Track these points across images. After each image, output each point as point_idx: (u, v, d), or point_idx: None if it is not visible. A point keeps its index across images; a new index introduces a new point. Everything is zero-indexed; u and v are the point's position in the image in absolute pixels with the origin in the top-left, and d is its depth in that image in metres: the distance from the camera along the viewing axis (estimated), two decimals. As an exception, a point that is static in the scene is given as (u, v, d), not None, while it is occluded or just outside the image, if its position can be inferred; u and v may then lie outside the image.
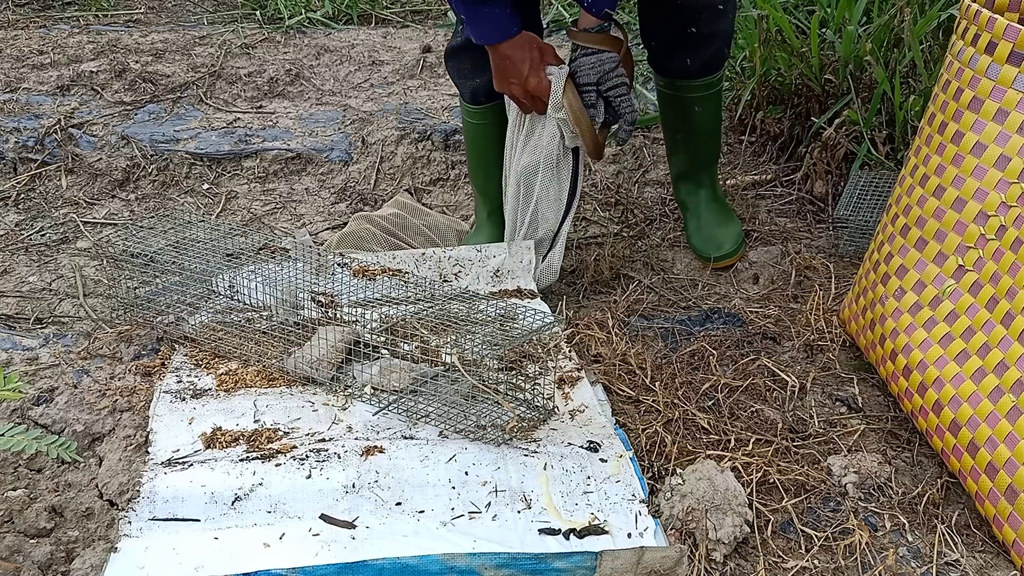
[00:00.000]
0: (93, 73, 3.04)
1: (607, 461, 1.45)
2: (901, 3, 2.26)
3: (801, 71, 2.47)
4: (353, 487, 1.38)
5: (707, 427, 1.58)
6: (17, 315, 2.01)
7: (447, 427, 1.52)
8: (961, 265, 1.48)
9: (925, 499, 1.45)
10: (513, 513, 1.35)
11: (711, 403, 1.65)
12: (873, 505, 1.44)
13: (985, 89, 1.44)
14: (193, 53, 3.29)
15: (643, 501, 1.37)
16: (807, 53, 2.44)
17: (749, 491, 1.43)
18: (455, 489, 1.39)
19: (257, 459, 1.43)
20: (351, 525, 1.32)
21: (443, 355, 1.67)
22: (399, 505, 1.36)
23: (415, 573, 1.24)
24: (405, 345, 1.73)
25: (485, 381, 1.57)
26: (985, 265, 1.43)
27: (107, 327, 1.88)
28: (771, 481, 1.47)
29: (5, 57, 3.23)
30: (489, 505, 1.36)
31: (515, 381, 1.66)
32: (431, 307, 1.79)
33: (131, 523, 1.31)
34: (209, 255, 1.83)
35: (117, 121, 2.74)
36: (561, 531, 1.31)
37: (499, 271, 2.00)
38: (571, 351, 1.76)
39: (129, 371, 1.68)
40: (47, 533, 1.32)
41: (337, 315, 1.79)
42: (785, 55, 2.48)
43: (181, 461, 1.43)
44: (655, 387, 1.69)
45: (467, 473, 1.41)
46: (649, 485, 1.42)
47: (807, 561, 1.34)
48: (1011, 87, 1.39)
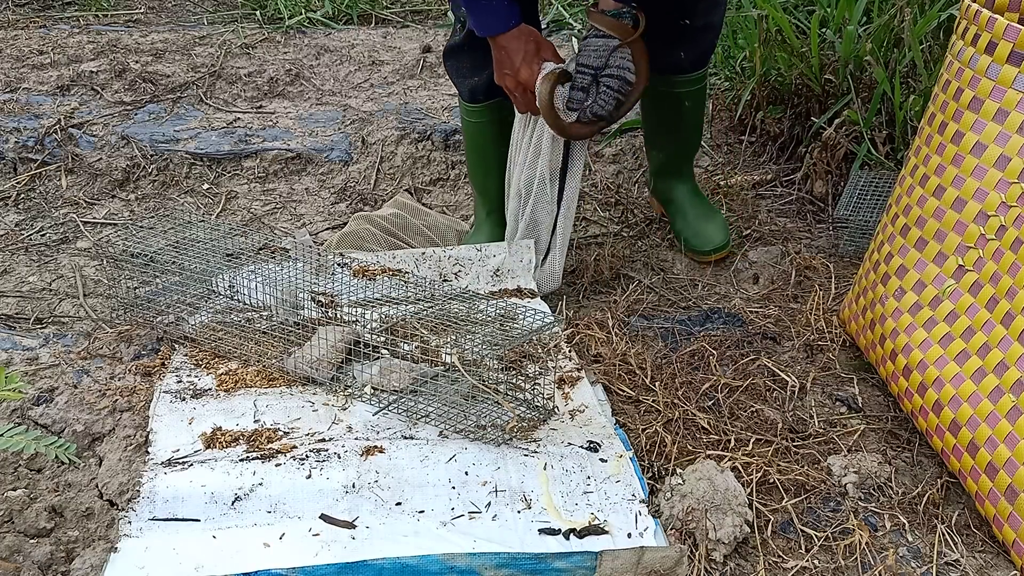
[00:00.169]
0: (93, 73, 3.04)
1: (607, 461, 1.45)
2: (901, 3, 2.26)
3: (801, 71, 2.47)
4: (353, 487, 1.38)
5: (707, 427, 1.58)
6: (17, 315, 2.01)
7: (447, 427, 1.52)
8: (961, 265, 1.48)
9: (925, 499, 1.45)
10: (513, 513, 1.35)
11: (711, 403, 1.65)
12: (873, 505, 1.44)
13: (985, 89, 1.44)
14: (193, 53, 3.29)
15: (643, 501, 1.37)
16: (807, 53, 2.44)
17: (749, 491, 1.43)
18: (455, 489, 1.39)
19: (257, 459, 1.43)
20: (351, 525, 1.32)
21: (443, 355, 1.67)
22: (399, 505, 1.36)
23: (415, 573, 1.24)
24: (405, 345, 1.73)
25: (485, 381, 1.57)
26: (985, 265, 1.43)
27: (107, 327, 1.88)
28: (771, 481, 1.47)
29: (5, 57, 3.23)
30: (489, 505, 1.36)
31: (515, 381, 1.66)
32: (431, 307, 1.79)
33: (131, 523, 1.31)
34: (209, 255, 1.83)
35: (117, 121, 2.74)
36: (561, 531, 1.31)
37: (499, 270, 2.01)
38: (571, 351, 1.76)
39: (129, 371, 1.68)
40: (47, 533, 1.32)
41: (337, 315, 1.79)
42: (785, 55, 2.48)
43: (181, 461, 1.43)
44: (655, 387, 1.69)
45: (467, 473, 1.41)
46: (649, 485, 1.42)
47: (807, 561, 1.34)
48: (1011, 87, 1.39)
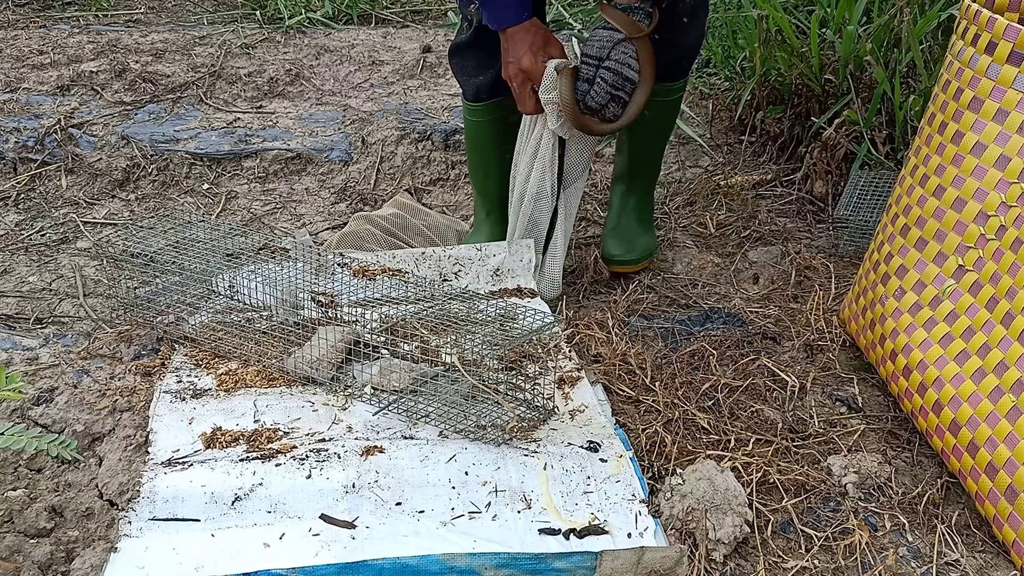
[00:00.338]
0: (93, 73, 3.04)
1: (607, 461, 1.45)
2: (901, 3, 2.26)
3: (801, 71, 2.47)
4: (353, 487, 1.38)
5: (707, 427, 1.58)
6: (17, 315, 2.01)
7: (447, 427, 1.52)
8: (961, 265, 1.48)
9: (925, 499, 1.45)
10: (513, 513, 1.35)
11: (711, 403, 1.65)
12: (873, 505, 1.44)
13: (985, 89, 1.44)
14: (193, 53, 3.29)
15: (643, 501, 1.37)
16: (807, 53, 2.44)
17: (749, 491, 1.43)
18: (455, 489, 1.39)
19: (257, 459, 1.43)
20: (351, 525, 1.32)
21: (443, 355, 1.67)
22: (399, 505, 1.36)
23: (415, 573, 1.24)
24: (405, 345, 1.73)
25: (485, 381, 1.57)
26: (985, 265, 1.43)
27: (107, 327, 1.88)
28: (771, 481, 1.47)
29: (5, 57, 3.23)
30: (489, 505, 1.36)
31: (515, 381, 1.66)
32: (431, 307, 1.79)
33: (131, 523, 1.31)
34: (209, 255, 1.83)
35: (117, 121, 2.74)
36: (561, 531, 1.31)
37: (499, 270, 2.01)
38: (571, 351, 1.76)
39: (129, 371, 1.68)
40: (47, 533, 1.32)
41: (337, 315, 1.79)
42: (785, 55, 2.48)
43: (181, 461, 1.43)
44: (655, 387, 1.69)
45: (467, 473, 1.41)
46: (649, 485, 1.42)
47: (807, 561, 1.34)
48: (1011, 87, 1.39)
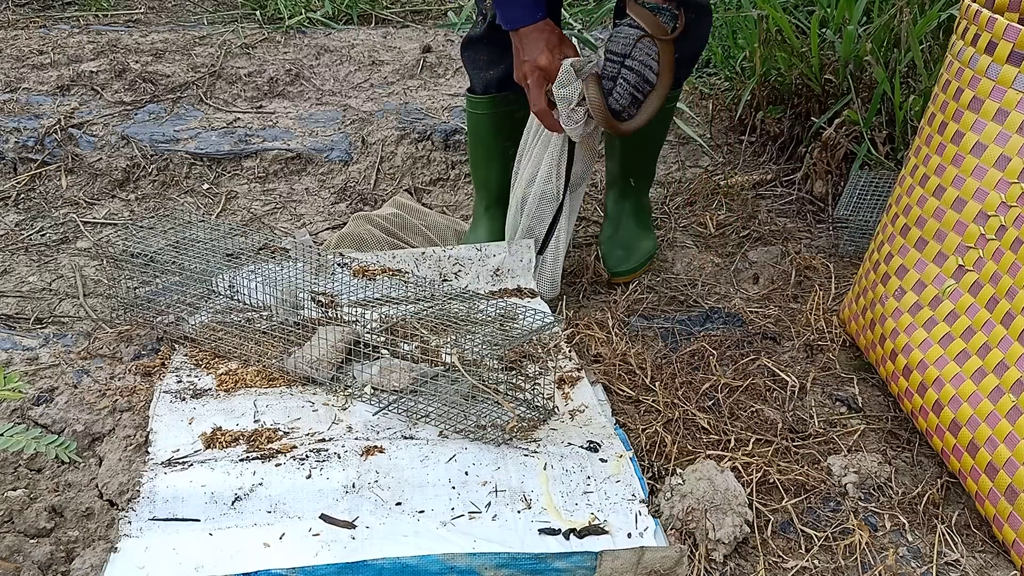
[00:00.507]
0: (93, 73, 3.04)
1: (607, 461, 1.45)
2: (901, 3, 2.26)
3: (801, 71, 2.47)
4: (353, 487, 1.38)
5: (707, 427, 1.58)
6: (17, 315, 2.01)
7: (447, 427, 1.52)
8: (961, 265, 1.48)
9: (925, 499, 1.45)
10: (513, 513, 1.35)
11: (711, 403, 1.65)
12: (873, 505, 1.44)
13: (985, 89, 1.44)
14: (193, 53, 3.29)
15: (643, 501, 1.37)
16: (807, 53, 2.44)
17: (749, 491, 1.43)
18: (455, 489, 1.39)
19: (257, 459, 1.43)
20: (351, 525, 1.32)
21: (443, 355, 1.67)
22: (399, 505, 1.36)
23: (415, 573, 1.24)
24: (405, 345, 1.73)
25: (485, 381, 1.57)
26: (985, 265, 1.43)
27: (107, 327, 1.88)
28: (771, 481, 1.47)
29: (5, 57, 3.23)
30: (489, 505, 1.36)
31: (515, 381, 1.66)
32: (431, 307, 1.79)
33: (131, 523, 1.31)
34: (209, 255, 1.83)
35: (117, 121, 2.74)
36: (561, 531, 1.31)
37: (499, 270, 2.01)
38: (571, 351, 1.76)
39: (129, 371, 1.68)
40: (47, 533, 1.32)
41: (337, 315, 1.79)
42: (785, 55, 2.48)
43: (181, 461, 1.43)
44: (655, 387, 1.69)
45: (467, 473, 1.41)
46: (649, 485, 1.42)
47: (807, 561, 1.34)
48: (1011, 87, 1.39)
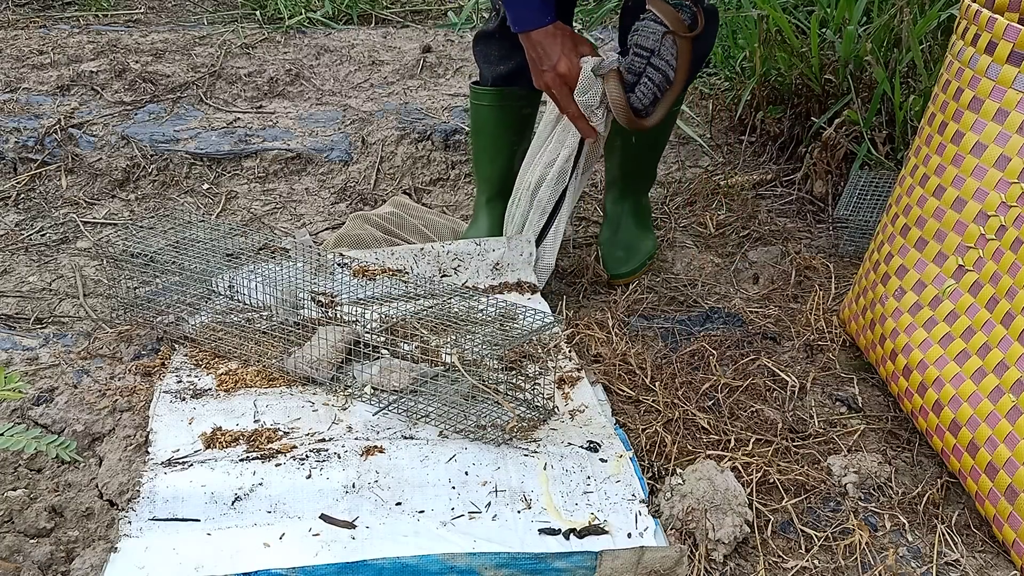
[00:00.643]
0: (93, 73, 3.04)
1: (607, 461, 1.45)
2: (901, 3, 2.26)
3: (801, 71, 2.47)
4: (353, 487, 1.38)
5: (707, 427, 1.58)
6: (17, 315, 2.01)
7: (447, 427, 1.52)
8: (961, 265, 1.48)
9: (925, 499, 1.45)
10: (513, 513, 1.34)
11: (711, 403, 1.65)
12: (873, 505, 1.44)
13: (985, 89, 1.44)
14: (193, 53, 3.29)
15: (643, 501, 1.37)
16: (807, 53, 2.44)
17: (749, 491, 1.43)
18: (455, 489, 1.39)
19: (257, 459, 1.43)
20: (351, 525, 1.32)
21: (443, 355, 1.67)
22: (399, 505, 1.36)
23: (415, 573, 1.24)
24: (405, 345, 1.73)
25: (485, 381, 1.57)
26: (985, 265, 1.43)
27: (107, 327, 1.88)
28: (771, 481, 1.47)
29: (5, 57, 3.23)
30: (489, 505, 1.36)
31: (515, 381, 1.66)
32: (431, 307, 1.79)
33: (131, 523, 1.31)
34: (209, 255, 1.83)
35: (117, 121, 2.74)
36: (561, 531, 1.31)
37: (499, 264, 2.00)
38: (571, 351, 1.76)
39: (129, 371, 1.68)
40: (47, 533, 1.32)
41: (337, 315, 1.79)
42: (785, 55, 2.48)
43: (181, 461, 1.43)
44: (655, 387, 1.69)
45: (467, 473, 1.41)
46: (649, 485, 1.42)
47: (807, 561, 1.34)
48: (1011, 87, 1.39)
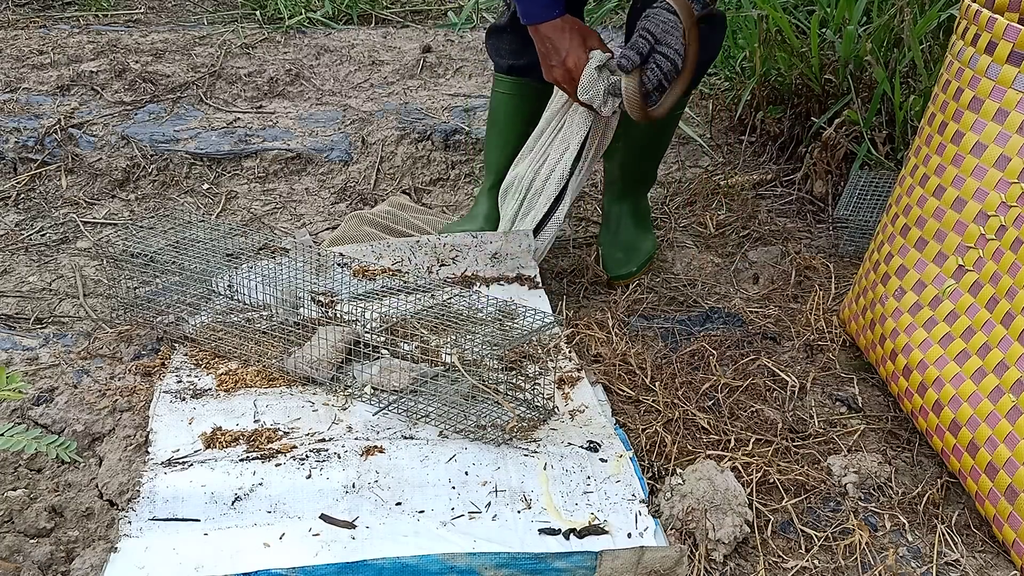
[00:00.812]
0: (93, 73, 3.04)
1: (607, 461, 1.45)
2: (901, 3, 2.26)
3: (801, 71, 2.47)
4: (353, 487, 1.38)
5: (707, 427, 1.58)
6: (17, 315, 2.01)
7: (447, 427, 1.52)
8: (961, 265, 1.48)
9: (925, 499, 1.45)
10: (513, 513, 1.35)
11: (711, 403, 1.65)
12: (873, 505, 1.44)
13: (985, 89, 1.44)
14: (193, 53, 3.29)
15: (643, 501, 1.37)
16: (807, 53, 2.44)
17: (749, 491, 1.43)
18: (455, 489, 1.39)
19: (257, 459, 1.43)
20: (351, 525, 1.32)
21: (443, 355, 1.67)
22: (399, 505, 1.36)
23: (415, 573, 1.24)
24: (405, 345, 1.73)
25: (485, 381, 1.57)
26: (985, 265, 1.43)
27: (107, 327, 1.88)
28: (771, 481, 1.47)
29: (5, 57, 3.23)
30: (489, 505, 1.36)
31: (515, 381, 1.66)
32: (431, 307, 1.79)
33: (131, 523, 1.31)
34: (209, 255, 1.83)
35: (117, 121, 2.74)
36: (561, 531, 1.31)
37: (497, 254, 2.00)
38: (571, 351, 1.76)
39: (129, 371, 1.68)
40: (47, 533, 1.32)
41: (337, 315, 1.79)
42: (785, 55, 2.48)
43: (181, 461, 1.43)
44: (655, 387, 1.69)
45: (467, 473, 1.41)
46: (649, 485, 1.42)
47: (807, 561, 1.34)
48: (1011, 87, 1.39)
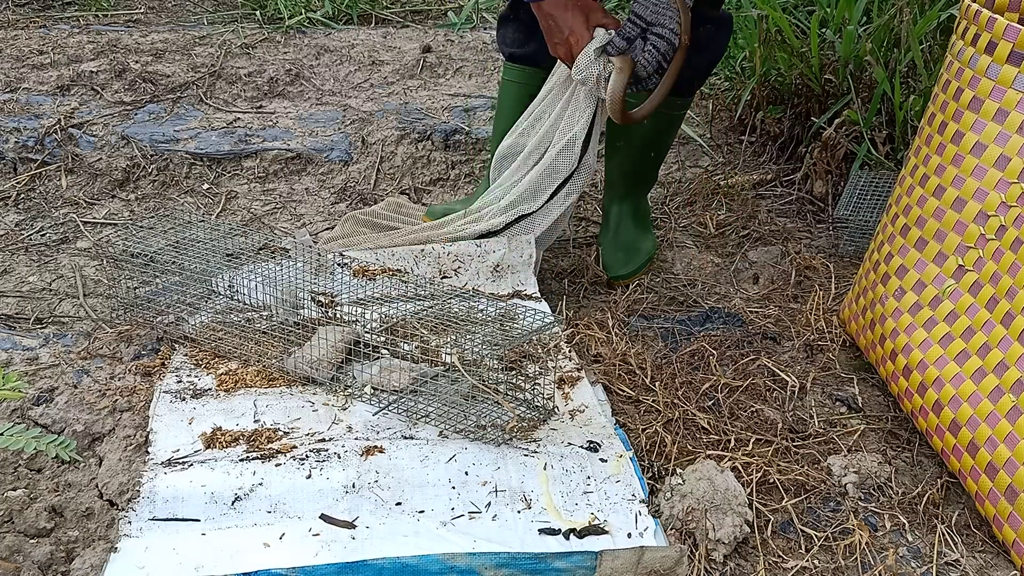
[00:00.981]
0: (93, 73, 3.04)
1: (607, 461, 1.45)
2: (901, 3, 2.26)
3: (801, 71, 2.47)
4: (353, 487, 1.38)
5: (707, 427, 1.58)
6: (17, 315, 2.01)
7: (447, 427, 1.52)
8: (961, 265, 1.48)
9: (925, 499, 1.45)
10: (513, 513, 1.35)
11: (711, 403, 1.65)
12: (873, 505, 1.44)
13: (985, 89, 1.44)
14: (193, 53, 3.29)
15: (643, 501, 1.37)
16: (807, 53, 2.44)
17: (749, 491, 1.43)
18: (455, 489, 1.39)
19: (257, 459, 1.43)
20: (351, 525, 1.32)
21: (443, 355, 1.67)
22: (399, 505, 1.36)
23: (415, 573, 1.24)
24: (405, 345, 1.73)
25: (485, 381, 1.57)
26: (985, 265, 1.43)
27: (107, 327, 1.88)
28: (771, 481, 1.47)
29: (5, 57, 3.22)
30: (489, 505, 1.36)
31: (515, 381, 1.66)
32: (431, 307, 1.79)
33: (131, 523, 1.31)
34: (209, 255, 1.83)
35: (117, 121, 2.74)
36: (561, 531, 1.31)
37: (499, 266, 2.00)
38: (571, 351, 1.76)
39: (129, 371, 1.68)
40: (47, 533, 1.32)
41: (337, 315, 1.79)
42: (785, 55, 2.48)
43: (181, 461, 1.43)
44: (655, 387, 1.69)
45: (467, 473, 1.41)
46: (649, 485, 1.42)
47: (807, 561, 1.34)
48: (1011, 87, 1.39)
